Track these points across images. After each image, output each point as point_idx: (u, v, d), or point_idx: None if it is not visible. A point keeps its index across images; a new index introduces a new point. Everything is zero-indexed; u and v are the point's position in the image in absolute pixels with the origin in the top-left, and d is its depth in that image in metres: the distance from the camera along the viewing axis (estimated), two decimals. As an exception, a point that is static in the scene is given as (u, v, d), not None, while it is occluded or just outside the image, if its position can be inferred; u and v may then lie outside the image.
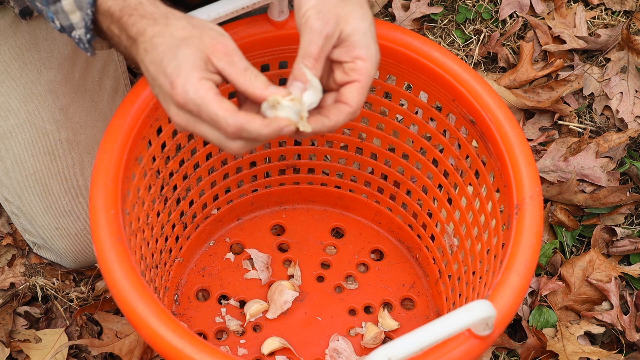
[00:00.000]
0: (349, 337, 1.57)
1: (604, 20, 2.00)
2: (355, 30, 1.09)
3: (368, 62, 1.10)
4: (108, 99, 1.55)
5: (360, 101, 1.10)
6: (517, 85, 1.90)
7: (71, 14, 1.09)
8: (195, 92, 1.03)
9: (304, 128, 1.07)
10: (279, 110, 1.05)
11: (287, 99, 1.05)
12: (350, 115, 1.10)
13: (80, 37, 1.10)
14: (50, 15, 1.11)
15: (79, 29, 1.10)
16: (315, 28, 1.07)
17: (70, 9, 1.09)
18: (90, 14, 1.07)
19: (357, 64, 1.09)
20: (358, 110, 1.10)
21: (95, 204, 1.16)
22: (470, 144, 1.39)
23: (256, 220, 1.68)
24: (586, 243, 1.75)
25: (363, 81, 1.10)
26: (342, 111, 1.09)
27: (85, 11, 1.07)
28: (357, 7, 1.10)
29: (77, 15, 1.09)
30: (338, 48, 1.10)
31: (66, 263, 1.62)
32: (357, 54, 1.09)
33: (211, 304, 1.59)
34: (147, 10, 1.06)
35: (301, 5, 1.09)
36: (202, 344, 1.07)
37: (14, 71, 1.46)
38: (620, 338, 1.64)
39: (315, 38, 1.07)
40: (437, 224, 1.55)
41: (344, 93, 1.10)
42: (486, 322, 1.06)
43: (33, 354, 1.58)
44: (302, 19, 1.09)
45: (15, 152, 1.50)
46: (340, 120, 1.09)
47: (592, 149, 1.80)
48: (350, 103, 1.09)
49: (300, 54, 1.08)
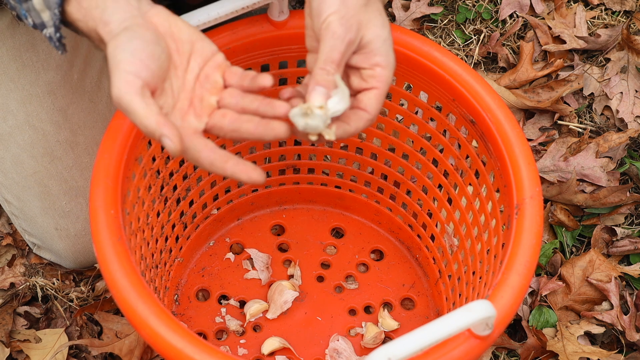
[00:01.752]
0: (349, 337, 1.57)
1: (604, 20, 2.00)
2: (376, 38, 1.10)
3: (387, 70, 1.10)
4: (107, 100, 1.55)
5: (378, 108, 1.11)
6: (517, 85, 1.90)
7: (42, 12, 1.10)
8: None
9: (329, 137, 1.07)
10: (310, 119, 1.05)
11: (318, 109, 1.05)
12: (368, 122, 1.11)
13: (50, 35, 1.11)
14: (23, 13, 1.12)
15: (49, 27, 1.10)
16: (338, 34, 1.07)
17: (40, 8, 1.10)
18: (57, 14, 1.08)
19: (376, 71, 1.10)
20: (375, 117, 1.11)
21: (95, 204, 1.16)
22: (470, 144, 1.39)
23: (256, 220, 1.68)
24: (586, 243, 1.75)
25: (381, 88, 1.10)
26: (361, 118, 1.10)
27: (53, 11, 1.08)
28: (378, 15, 1.11)
29: (46, 14, 1.09)
30: (357, 54, 1.10)
31: (66, 263, 1.62)
32: (376, 61, 1.10)
33: (211, 304, 1.59)
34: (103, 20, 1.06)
35: (322, 10, 1.08)
36: (202, 344, 1.07)
37: (12, 72, 1.46)
38: (620, 338, 1.64)
39: (338, 44, 1.07)
40: (437, 224, 1.55)
41: (362, 100, 1.10)
42: (486, 322, 1.06)
43: (33, 354, 1.58)
44: (324, 24, 1.08)
45: (14, 153, 1.50)
46: (359, 127, 1.10)
47: (592, 149, 1.80)
48: (369, 110, 1.10)
49: (322, 58, 1.07)
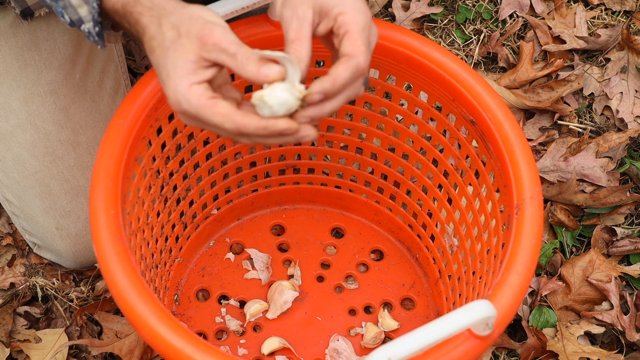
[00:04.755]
0: (349, 337, 1.57)
1: (604, 20, 2.00)
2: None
3: (348, 13, 1.08)
4: (108, 100, 1.55)
5: (356, 47, 1.06)
6: (517, 85, 1.90)
7: (79, 7, 1.10)
8: (188, 102, 1.02)
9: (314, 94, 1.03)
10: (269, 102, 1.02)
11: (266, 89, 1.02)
12: (353, 67, 1.05)
13: (89, 30, 1.11)
14: (59, 10, 1.12)
15: (88, 22, 1.11)
16: (286, 17, 1.08)
17: (77, 3, 1.10)
18: (96, 7, 1.08)
19: (339, 20, 1.08)
20: (362, 59, 1.06)
21: (95, 204, 1.16)
22: (470, 144, 1.39)
23: (256, 220, 1.68)
24: (586, 243, 1.75)
25: (350, 29, 1.07)
26: (340, 62, 1.06)
27: (91, 5, 1.08)
28: None
29: (84, 9, 1.10)
30: (321, 23, 1.10)
31: (66, 263, 1.62)
32: (335, 12, 1.08)
33: (211, 304, 1.59)
34: (145, 6, 1.06)
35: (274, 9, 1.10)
36: (202, 344, 1.07)
37: (15, 72, 1.46)
38: (620, 338, 1.64)
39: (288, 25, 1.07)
40: (437, 224, 1.55)
41: (340, 50, 1.07)
42: (486, 322, 1.06)
43: (33, 354, 1.58)
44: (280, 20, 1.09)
45: (15, 152, 1.50)
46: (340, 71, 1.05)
47: (592, 149, 1.80)
48: (345, 53, 1.06)
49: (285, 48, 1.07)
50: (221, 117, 1.02)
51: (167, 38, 1.04)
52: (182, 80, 1.02)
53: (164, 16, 1.05)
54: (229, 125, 1.02)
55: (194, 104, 1.02)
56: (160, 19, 1.05)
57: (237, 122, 1.02)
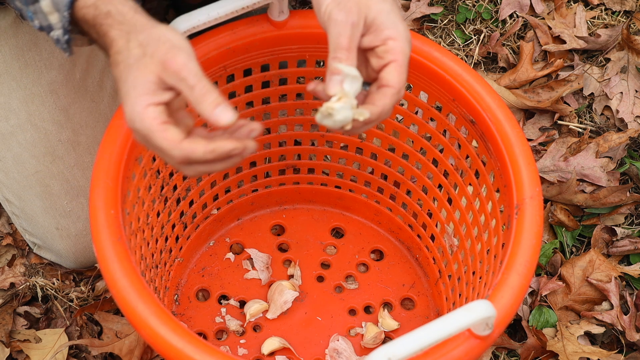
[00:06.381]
0: (349, 337, 1.57)
1: (604, 20, 2.00)
2: (379, 13, 1.09)
3: (399, 41, 1.09)
4: (109, 100, 1.55)
5: (402, 80, 1.09)
6: (517, 85, 1.90)
7: (50, 14, 1.10)
8: (141, 121, 1.03)
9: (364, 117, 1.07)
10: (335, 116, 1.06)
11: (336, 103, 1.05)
12: (395, 97, 1.09)
13: (58, 37, 1.11)
14: (29, 15, 1.12)
15: (57, 30, 1.11)
16: (339, 20, 1.07)
17: (48, 10, 1.10)
18: (67, 16, 1.08)
19: (389, 44, 1.09)
20: (402, 90, 1.09)
21: (95, 204, 1.16)
22: (470, 144, 1.39)
23: (256, 220, 1.68)
24: (586, 243, 1.75)
25: (399, 59, 1.09)
26: (385, 94, 1.09)
27: (62, 13, 1.08)
28: None
29: (55, 16, 1.10)
30: (367, 35, 1.10)
31: (66, 263, 1.62)
32: (386, 35, 1.09)
33: (211, 304, 1.59)
34: (117, 20, 1.06)
35: (320, 4, 1.09)
36: (202, 344, 1.08)
37: (15, 71, 1.46)
38: (620, 338, 1.64)
39: (342, 29, 1.07)
40: (437, 224, 1.55)
41: (383, 77, 1.09)
42: (486, 322, 1.06)
43: (33, 354, 1.58)
44: (325, 16, 1.09)
45: (15, 152, 1.50)
46: (387, 104, 1.09)
47: (592, 149, 1.80)
48: (391, 84, 1.09)
49: (331, 49, 1.08)
50: (169, 143, 1.03)
51: (132, 55, 1.04)
52: (139, 99, 1.03)
53: (133, 32, 1.05)
54: (176, 153, 1.03)
55: (146, 124, 1.03)
56: (129, 34, 1.05)
57: (185, 149, 1.02)
